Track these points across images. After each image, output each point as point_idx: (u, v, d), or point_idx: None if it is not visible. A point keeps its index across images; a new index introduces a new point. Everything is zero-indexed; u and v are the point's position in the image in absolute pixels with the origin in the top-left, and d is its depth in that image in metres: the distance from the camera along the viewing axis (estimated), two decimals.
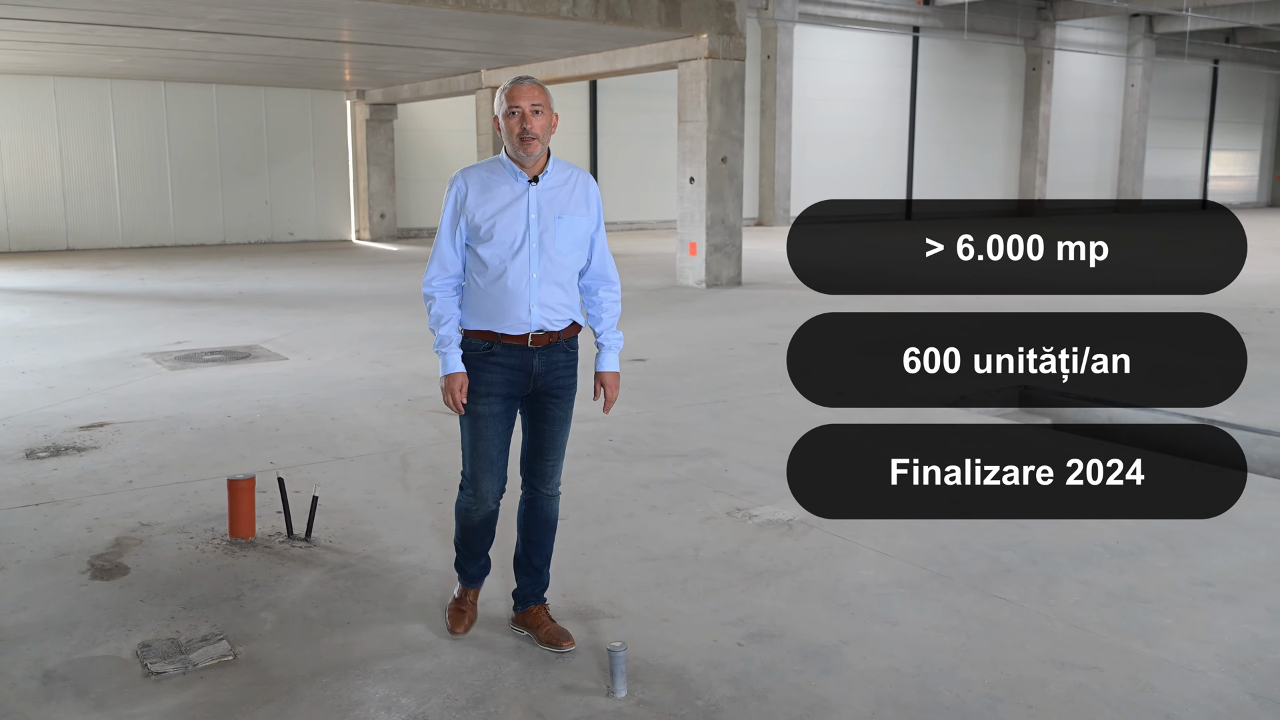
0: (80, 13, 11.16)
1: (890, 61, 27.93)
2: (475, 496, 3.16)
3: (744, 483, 4.86)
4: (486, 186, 3.04)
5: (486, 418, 3.07)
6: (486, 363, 3.06)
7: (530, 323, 3.03)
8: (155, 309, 10.83)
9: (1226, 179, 38.51)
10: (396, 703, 2.86)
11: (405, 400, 6.54)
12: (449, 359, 3.05)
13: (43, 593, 3.59)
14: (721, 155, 12.53)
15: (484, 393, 3.06)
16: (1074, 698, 2.90)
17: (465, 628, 3.25)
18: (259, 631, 3.30)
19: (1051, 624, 3.37)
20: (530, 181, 3.04)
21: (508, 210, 3.02)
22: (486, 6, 10.73)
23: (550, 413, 3.15)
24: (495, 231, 3.01)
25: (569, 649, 3.12)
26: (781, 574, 3.77)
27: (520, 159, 3.02)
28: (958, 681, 2.99)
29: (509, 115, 2.98)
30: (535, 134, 2.96)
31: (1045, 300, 8.25)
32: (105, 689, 2.93)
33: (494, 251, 3.01)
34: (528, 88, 2.98)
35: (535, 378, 3.08)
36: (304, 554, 3.95)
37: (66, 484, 4.80)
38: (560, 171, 3.10)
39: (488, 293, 3.04)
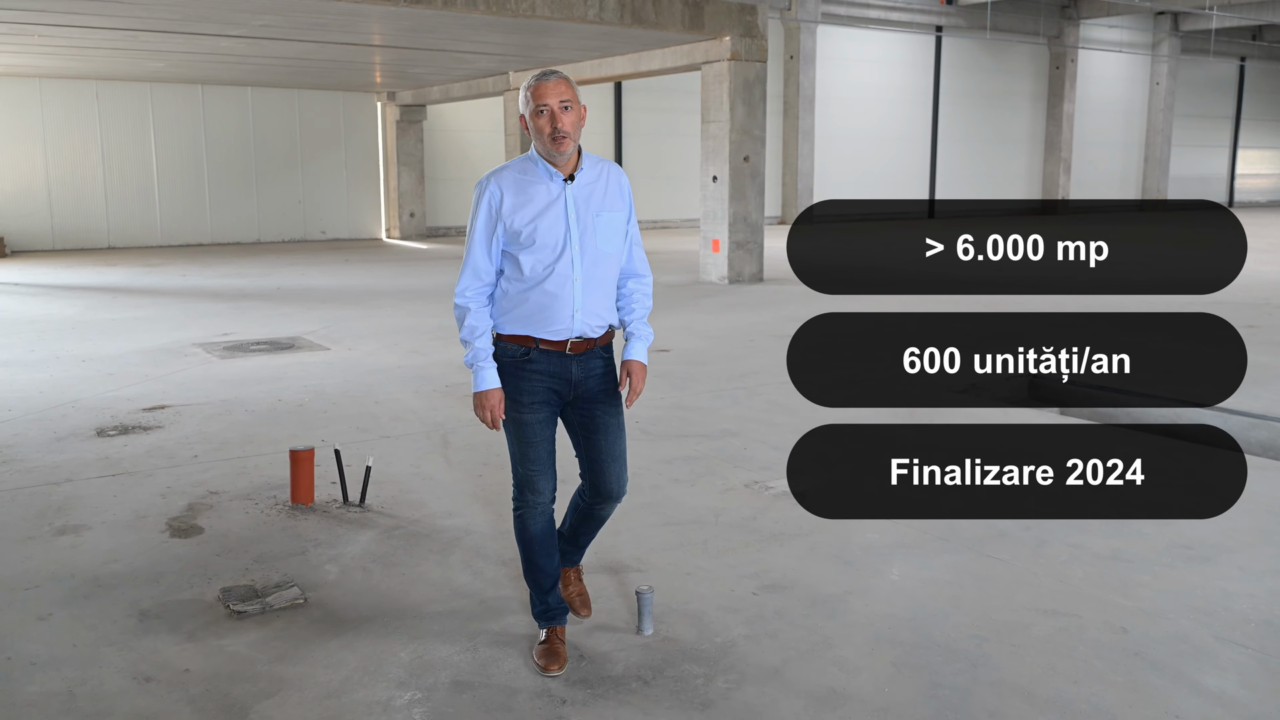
0: (126, 19, 11.65)
1: (913, 61, 28.13)
2: (532, 500, 3.03)
3: (761, 460, 5.21)
4: (521, 189, 2.90)
5: (532, 424, 2.97)
6: (524, 370, 2.96)
7: (572, 329, 2.93)
8: (199, 304, 11.30)
9: (1254, 177, 38.32)
10: (451, 635, 3.25)
11: (443, 386, 6.94)
12: (485, 374, 2.93)
13: (128, 548, 4.00)
14: (744, 154, 12.87)
15: (527, 401, 2.96)
16: (1053, 639, 3.24)
17: (561, 665, 3.01)
18: (324, 581, 3.69)
19: (1039, 579, 3.70)
20: (566, 180, 2.92)
21: (547, 213, 2.89)
22: (516, 11, 11.13)
23: (600, 420, 3.04)
24: (536, 236, 2.87)
25: (584, 617, 3.27)
26: (794, 537, 4.13)
27: (553, 158, 2.89)
28: (949, 624, 3.34)
29: (537, 114, 2.84)
30: (566, 132, 2.83)
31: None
32: (194, 625, 3.33)
33: (536, 257, 2.88)
34: (554, 84, 2.84)
35: (575, 385, 2.99)
36: (359, 518, 4.35)
37: (138, 458, 5.23)
38: (592, 167, 2.98)
39: (527, 298, 2.91)
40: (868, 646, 3.19)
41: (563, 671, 3.00)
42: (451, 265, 15.78)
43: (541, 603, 3.12)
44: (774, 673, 3.02)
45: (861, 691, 2.92)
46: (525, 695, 2.91)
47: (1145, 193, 34.10)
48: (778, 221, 26.14)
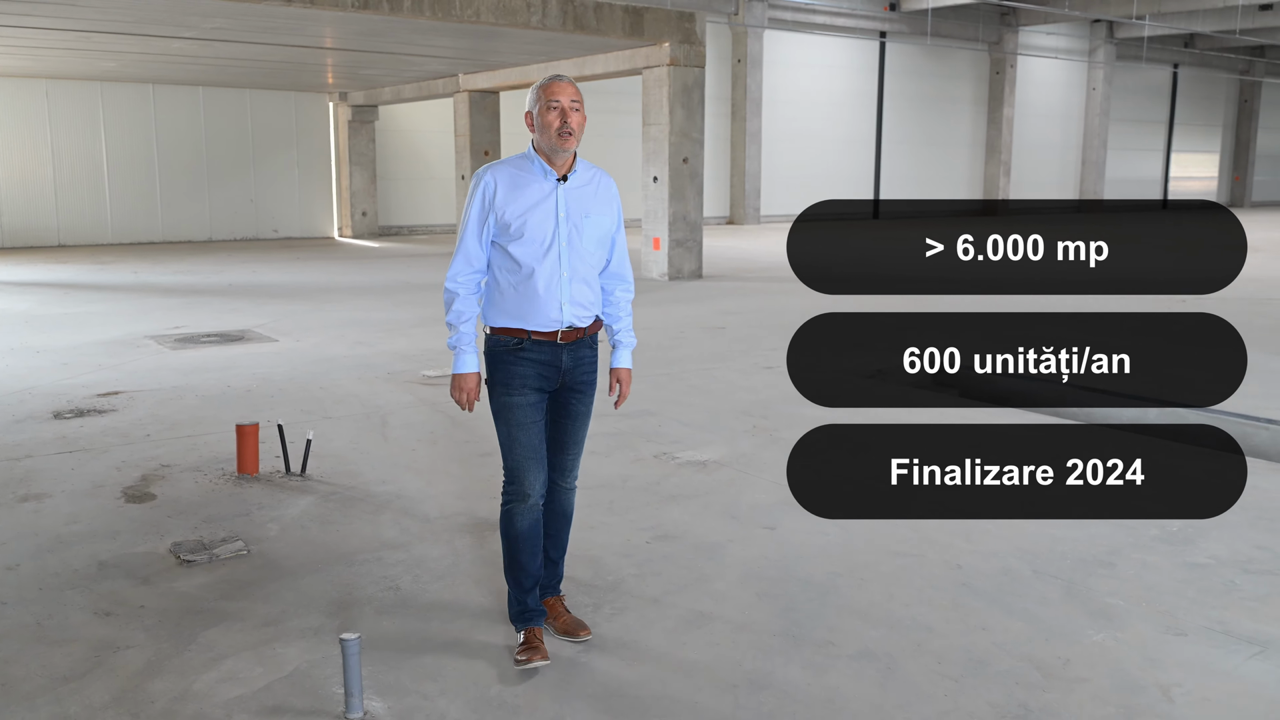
0: (79, 21, 11.92)
1: (858, 65, 28.91)
2: (520, 492, 3.11)
3: (673, 435, 5.72)
4: (516, 183, 3.06)
5: (524, 407, 3.09)
6: (518, 358, 3.08)
7: (561, 320, 3.07)
8: (151, 299, 11.60)
9: (1187, 180, 39.67)
10: (377, 578, 3.72)
11: (385, 374, 7.38)
12: (466, 358, 3.10)
13: (87, 512, 4.42)
14: (683, 156, 13.41)
15: (518, 386, 3.08)
16: (897, 574, 3.78)
17: (545, 656, 3.07)
18: (266, 536, 4.14)
19: (898, 530, 4.24)
20: (559, 180, 3.08)
21: (538, 208, 3.04)
22: (461, 17, 11.57)
23: (573, 407, 3.20)
24: (526, 229, 3.02)
25: (585, 638, 3.20)
26: (691, 497, 4.65)
27: (553, 155, 3.04)
28: (811, 565, 3.87)
29: (549, 110, 3.00)
30: (573, 129, 3.00)
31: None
32: (149, 572, 3.77)
33: (525, 249, 3.03)
34: (567, 84, 3.02)
35: (564, 373, 3.12)
36: (300, 486, 4.80)
37: (93, 437, 5.62)
38: (585, 171, 3.15)
39: (518, 290, 3.06)
40: (738, 581, 3.71)
41: (547, 663, 3.06)
42: (403, 262, 16.16)
43: (519, 603, 3.17)
44: (653, 601, 3.53)
45: (726, 614, 3.44)
46: (438, 622, 3.39)
47: (1083, 194, 35.20)
48: (726, 221, 26.76)
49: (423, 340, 8.62)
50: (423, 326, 9.29)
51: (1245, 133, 40.77)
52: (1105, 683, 3.00)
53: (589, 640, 3.21)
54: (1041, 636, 3.29)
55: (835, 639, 3.27)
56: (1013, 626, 3.36)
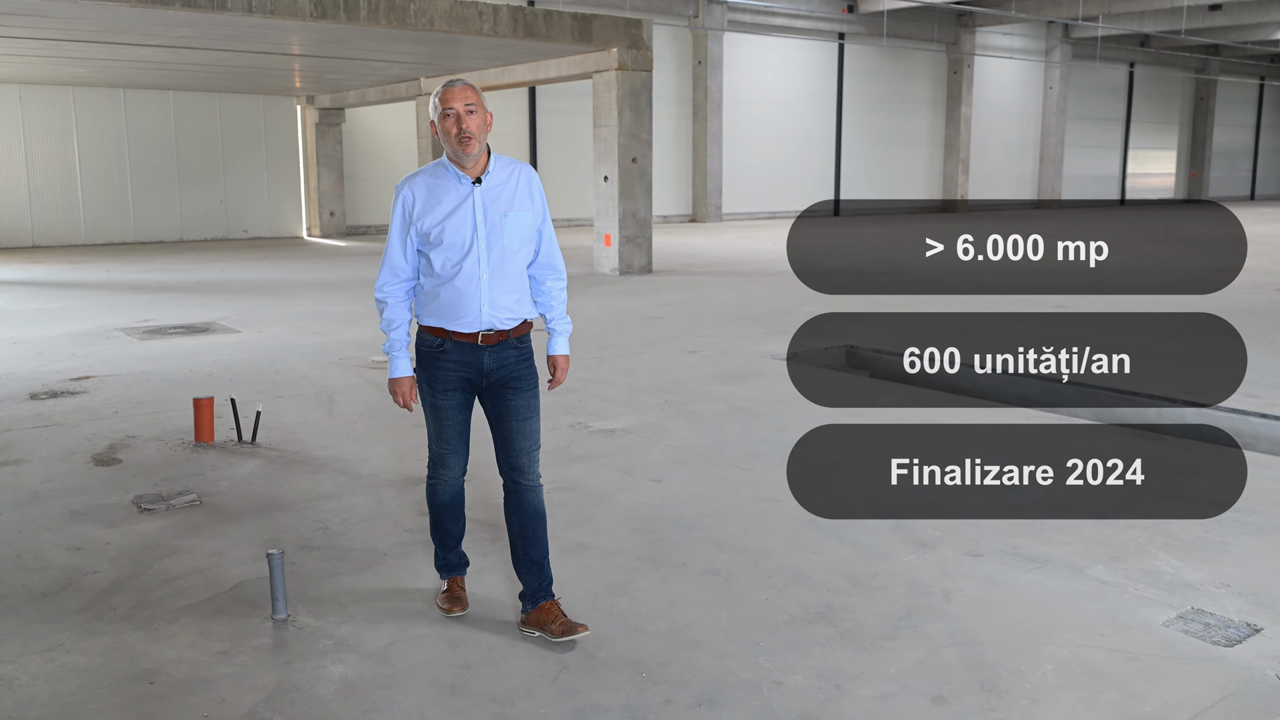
0: (50, 31, 12.44)
1: (817, 66, 29.66)
2: (442, 475, 3.38)
3: (591, 409, 6.37)
4: (432, 192, 3.12)
5: (447, 409, 3.26)
6: (440, 359, 3.20)
7: (481, 322, 3.14)
8: (121, 295, 12.14)
9: (1145, 176, 40.68)
10: (310, 520, 4.35)
11: (337, 359, 7.99)
12: (399, 363, 3.25)
13: (60, 474, 5.02)
14: (632, 156, 14.06)
15: (441, 388, 3.22)
16: (756, 515, 4.45)
17: (463, 607, 3.41)
18: (217, 490, 4.76)
19: (770, 482, 4.91)
20: (474, 183, 3.13)
21: (455, 214, 3.10)
22: (416, 25, 12.17)
23: (510, 404, 3.26)
24: (444, 236, 3.09)
25: (584, 633, 3.24)
26: (594, 458, 5.30)
27: (460, 160, 3.10)
28: (684, 508, 4.53)
29: (444, 117, 3.05)
30: (471, 133, 3.03)
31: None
32: (114, 519, 4.38)
33: (444, 255, 3.11)
34: (459, 89, 3.05)
35: (486, 374, 3.21)
36: (250, 451, 5.42)
37: (66, 414, 6.21)
38: (503, 169, 3.18)
39: (439, 293, 3.15)
40: (617, 520, 4.37)
41: (465, 613, 3.41)
42: (367, 260, 16.72)
43: (443, 559, 3.52)
44: None
45: (601, 544, 4.10)
46: (358, 552, 4.02)
47: (1041, 192, 36.13)
48: (689, 219, 27.44)
49: (376, 331, 9.22)
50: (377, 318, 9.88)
51: (1201, 130, 41.83)
52: (900, 590, 3.67)
53: (586, 633, 3.25)
54: (860, 558, 3.96)
55: (689, 561, 3.93)
56: (839, 551, 4.03)
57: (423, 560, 3.92)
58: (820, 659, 3.15)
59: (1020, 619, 3.42)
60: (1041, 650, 3.20)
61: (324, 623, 3.41)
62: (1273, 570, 3.82)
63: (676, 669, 3.10)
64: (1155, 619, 3.40)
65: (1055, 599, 3.57)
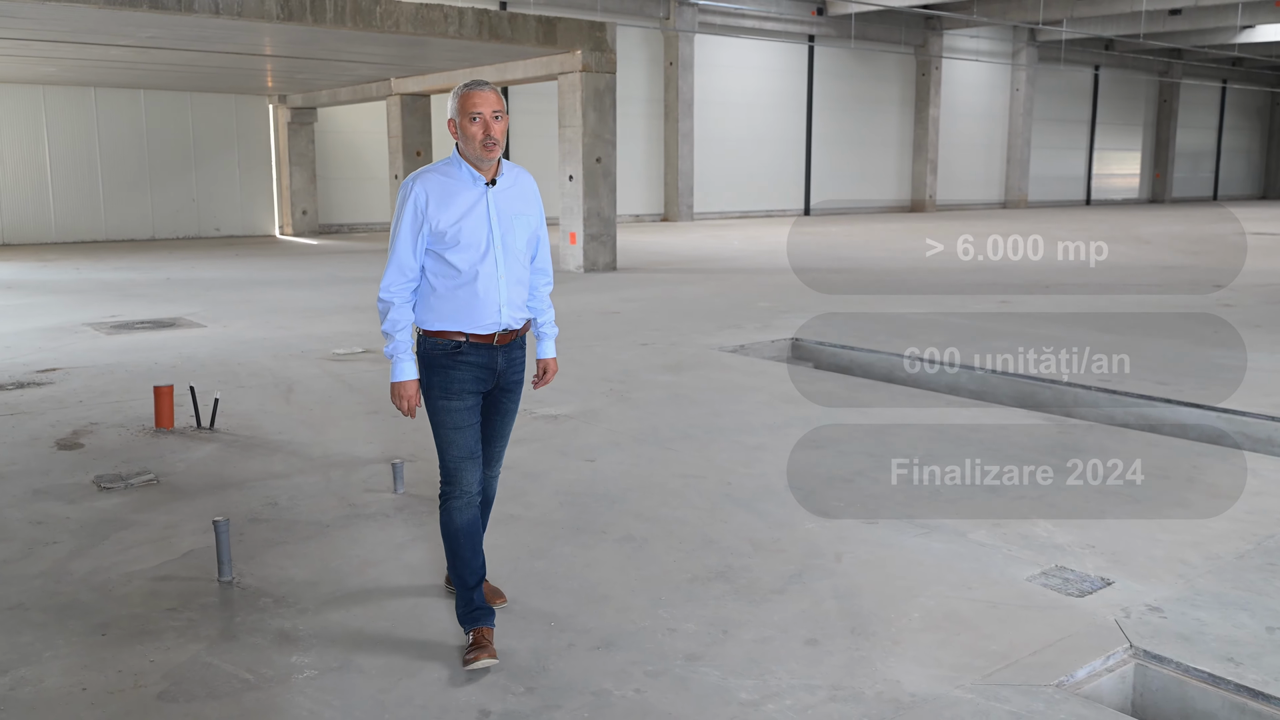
0: (19, 30, 12.63)
1: (787, 68, 30.09)
2: (458, 489, 3.19)
3: (537, 396, 6.69)
4: (446, 191, 3.09)
5: (461, 411, 3.16)
6: (455, 361, 3.13)
7: (500, 322, 3.14)
8: (91, 292, 12.36)
9: (1110, 177, 41.37)
10: (260, 497, 4.65)
11: (299, 352, 8.27)
12: (404, 366, 3.13)
13: (25, 457, 5.30)
14: (596, 156, 14.39)
15: (457, 390, 3.14)
16: (678, 490, 4.79)
17: (493, 655, 3.09)
18: (174, 471, 5.05)
19: (695, 461, 5.25)
20: (488, 184, 3.14)
21: (470, 214, 3.09)
22: (382, 27, 12.45)
23: (504, 405, 3.31)
24: (461, 236, 3.07)
25: (501, 604, 3.40)
26: (535, 441, 5.62)
27: (479, 163, 3.10)
28: (612, 484, 4.86)
29: (471, 120, 3.02)
30: (497, 139, 3.04)
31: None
32: (74, 496, 4.67)
33: (463, 256, 3.08)
34: (487, 94, 3.03)
35: (499, 374, 3.20)
36: (208, 436, 5.71)
37: (32, 403, 6.48)
38: (509, 172, 3.21)
39: (456, 295, 3.10)
40: (548, 495, 4.70)
41: (496, 662, 3.08)
42: (337, 258, 16.97)
43: (467, 602, 3.19)
44: None
45: (529, 515, 4.42)
46: (303, 525, 4.33)
47: (1008, 192, 36.73)
48: (660, 218, 27.79)
49: (339, 325, 9.51)
50: (341, 313, 10.18)
51: (1165, 132, 42.57)
52: (797, 552, 4.02)
53: (505, 606, 3.44)
54: (766, 526, 4.31)
55: (608, 529, 4.26)
56: (749, 520, 4.37)
57: (363, 529, 4.24)
58: (714, 610, 3.49)
59: (899, 575, 3.78)
60: (912, 601, 3.55)
61: (266, 584, 3.72)
62: (1136, 534, 4.19)
63: (583, 619, 3.43)
64: (1020, 575, 3.77)
65: (935, 559, 3.93)
